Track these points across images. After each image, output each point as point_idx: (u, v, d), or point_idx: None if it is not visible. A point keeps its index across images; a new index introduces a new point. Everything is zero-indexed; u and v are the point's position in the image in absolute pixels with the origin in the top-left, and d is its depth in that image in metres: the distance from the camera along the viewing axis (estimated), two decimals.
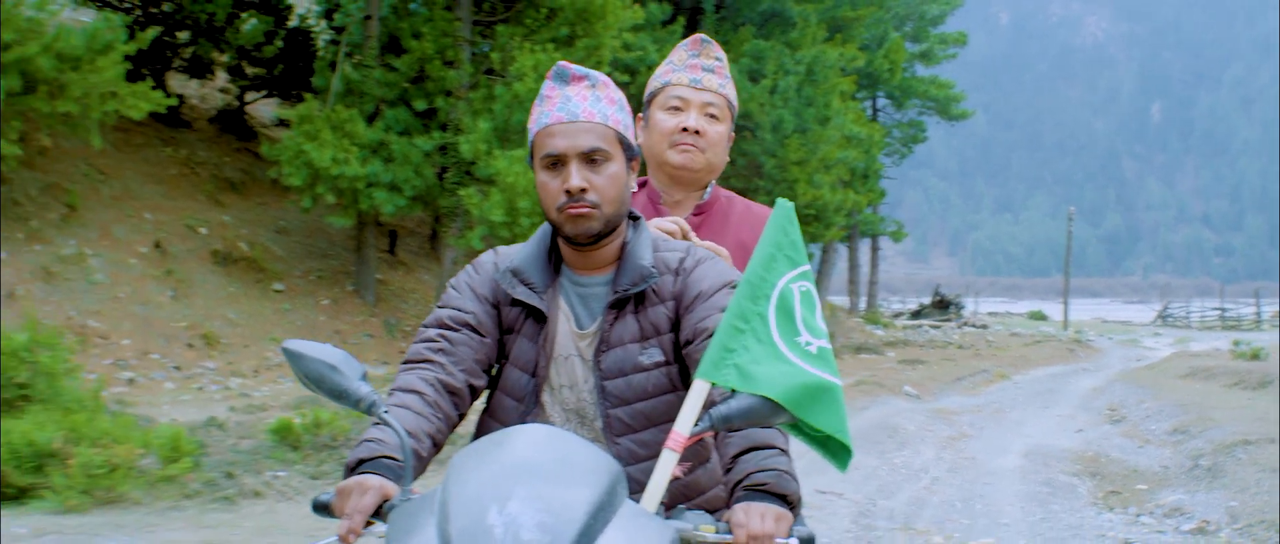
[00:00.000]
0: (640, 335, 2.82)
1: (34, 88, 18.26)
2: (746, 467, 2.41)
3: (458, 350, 2.78)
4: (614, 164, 2.76)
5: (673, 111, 3.55)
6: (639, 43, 24.69)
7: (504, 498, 1.96)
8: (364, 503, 2.30)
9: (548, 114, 2.78)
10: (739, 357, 2.30)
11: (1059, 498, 10.77)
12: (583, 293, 2.87)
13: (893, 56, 41.09)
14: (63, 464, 7.62)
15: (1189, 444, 13.86)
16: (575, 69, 2.82)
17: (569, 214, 2.73)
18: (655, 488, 2.27)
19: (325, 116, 20.85)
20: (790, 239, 2.44)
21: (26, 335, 8.52)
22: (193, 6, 24.05)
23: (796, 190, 28.18)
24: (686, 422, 2.30)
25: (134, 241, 21.19)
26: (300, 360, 2.39)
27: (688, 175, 3.56)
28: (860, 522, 9.19)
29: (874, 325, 43.41)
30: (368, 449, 2.48)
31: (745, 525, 2.25)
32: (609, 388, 2.81)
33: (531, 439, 2.14)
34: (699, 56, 3.61)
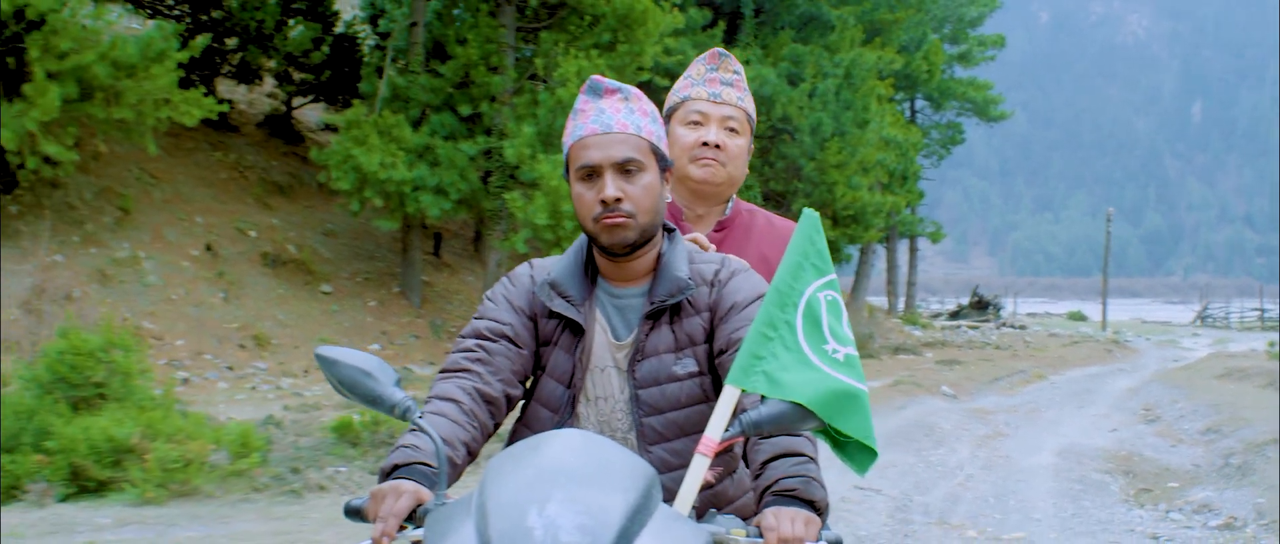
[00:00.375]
0: (675, 346, 2.86)
1: (90, 95, 18.78)
2: (775, 473, 2.46)
3: (495, 360, 2.83)
4: (648, 174, 2.81)
5: (693, 126, 3.59)
6: (679, 47, 25.05)
7: (543, 501, 2.00)
8: (398, 507, 2.34)
9: (582, 126, 2.83)
10: (768, 364, 2.37)
11: (1091, 495, 11.07)
12: (619, 304, 2.92)
13: (931, 59, 41.16)
14: (140, 459, 8.05)
15: (1221, 443, 14.13)
16: (608, 83, 2.89)
17: (605, 224, 2.78)
18: (687, 492, 2.34)
19: (373, 122, 21.32)
20: (817, 248, 2.49)
21: (102, 337, 8.97)
22: (242, 14, 24.57)
23: (835, 193, 28.48)
24: (717, 427, 2.37)
25: (186, 244, 21.70)
26: (335, 366, 2.45)
27: (709, 189, 3.60)
28: (896, 516, 9.54)
29: (912, 326, 43.51)
30: (403, 455, 2.53)
31: (775, 529, 2.30)
32: (643, 397, 2.86)
33: (568, 444, 2.18)
34: (717, 70, 3.65)
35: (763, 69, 27.10)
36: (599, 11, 21.75)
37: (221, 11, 25.22)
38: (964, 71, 49.79)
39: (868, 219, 30.36)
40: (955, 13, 47.52)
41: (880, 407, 17.64)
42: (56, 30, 18.09)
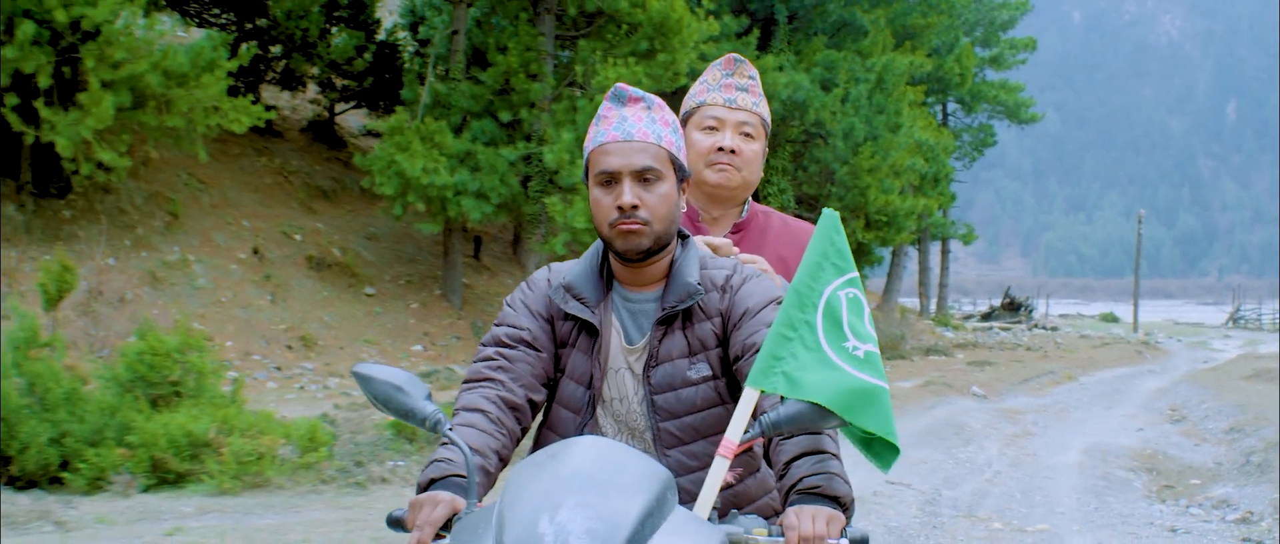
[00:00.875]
0: (688, 351, 2.91)
1: (142, 103, 19.36)
2: (799, 471, 2.50)
3: (516, 367, 2.89)
4: (665, 183, 2.86)
5: (708, 131, 3.66)
6: (714, 54, 25.48)
7: (555, 507, 2.07)
8: (434, 516, 2.42)
9: (604, 133, 2.88)
10: (787, 364, 2.43)
11: (1114, 491, 11.49)
12: (632, 309, 2.97)
13: (963, 62, 41.36)
14: (216, 453, 8.59)
15: (1243, 442, 14.51)
16: (633, 91, 2.93)
17: (620, 230, 2.83)
18: (707, 494, 2.40)
19: (415, 128, 21.84)
20: (837, 248, 2.57)
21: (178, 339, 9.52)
22: (288, 23, 25.12)
23: (868, 196, 28.86)
24: (737, 429, 2.43)
25: (234, 248, 22.28)
26: (370, 383, 2.55)
27: (725, 193, 3.68)
28: (926, 509, 10.00)
29: (944, 327, 43.80)
30: (438, 469, 2.61)
31: (797, 527, 2.34)
32: (658, 402, 2.90)
33: (584, 450, 2.24)
34: (733, 76, 3.71)
35: (796, 75, 27.51)
36: (636, 20, 22.20)
37: (266, 20, 25.83)
38: (995, 74, 50.00)
39: (900, 222, 30.70)
40: (987, 16, 47.86)
41: (911, 406, 18.10)
42: (111, 41, 18.64)
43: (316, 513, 8.20)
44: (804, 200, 30.32)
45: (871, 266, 38.45)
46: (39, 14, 17.99)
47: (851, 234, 30.07)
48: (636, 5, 21.98)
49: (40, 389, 8.64)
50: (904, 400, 18.81)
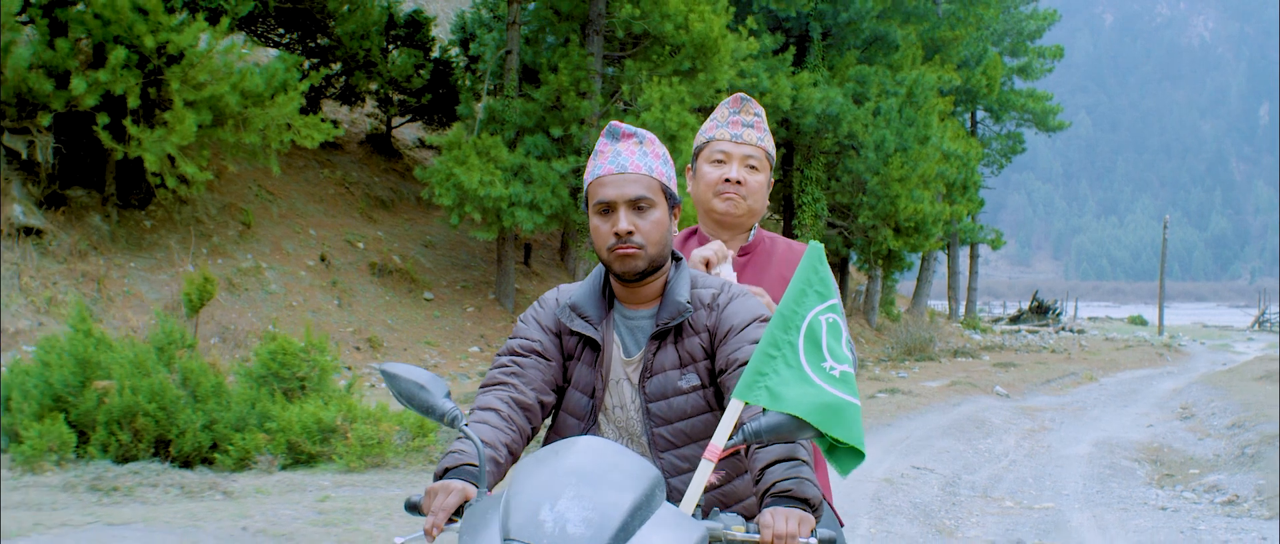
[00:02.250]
0: (679, 363, 3.12)
1: (222, 121, 20.75)
2: (773, 476, 2.70)
3: (527, 373, 3.10)
4: (658, 211, 3.08)
5: (717, 164, 3.93)
6: (752, 71, 26.82)
7: (555, 497, 2.27)
8: (447, 503, 2.60)
9: (601, 166, 3.10)
10: (770, 380, 2.61)
11: (1118, 478, 12.82)
12: (631, 325, 3.19)
13: (990, 73, 42.40)
14: (343, 437, 10.07)
15: (1241, 436, 15.81)
16: (625, 128, 3.14)
17: (618, 254, 3.04)
18: (693, 493, 2.58)
19: (472, 143, 23.22)
20: (820, 276, 2.73)
21: (304, 340, 11.03)
22: (351, 43, 26.57)
23: (898, 205, 30.15)
24: (722, 435, 2.61)
25: (302, 255, 23.71)
26: (394, 380, 2.73)
27: (732, 220, 3.93)
28: (946, 490, 11.39)
29: (972, 330, 44.74)
30: (453, 459, 2.80)
31: (771, 526, 2.54)
32: (653, 409, 3.11)
33: (583, 449, 2.45)
34: (739, 114, 3.97)
35: (830, 90, 28.83)
36: (679, 41, 23.55)
37: (327, 39, 27.30)
38: (1024, 83, 51.03)
39: (928, 229, 31.90)
40: (1015, 26, 48.89)
41: (937, 403, 19.44)
42: (193, 63, 20.07)
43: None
44: (836, 209, 31.66)
45: (901, 272, 39.65)
46: (128, 39, 19.37)
47: (882, 241, 31.39)
48: (680, 27, 23.30)
49: (191, 383, 10.16)
50: (930, 398, 20.15)
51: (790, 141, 30.98)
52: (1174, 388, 25.23)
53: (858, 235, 32.23)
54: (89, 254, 20.76)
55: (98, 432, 9.61)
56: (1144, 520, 9.39)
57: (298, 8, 26.19)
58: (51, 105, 19.40)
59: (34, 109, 19.87)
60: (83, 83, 18.87)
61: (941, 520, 9.91)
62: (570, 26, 24.98)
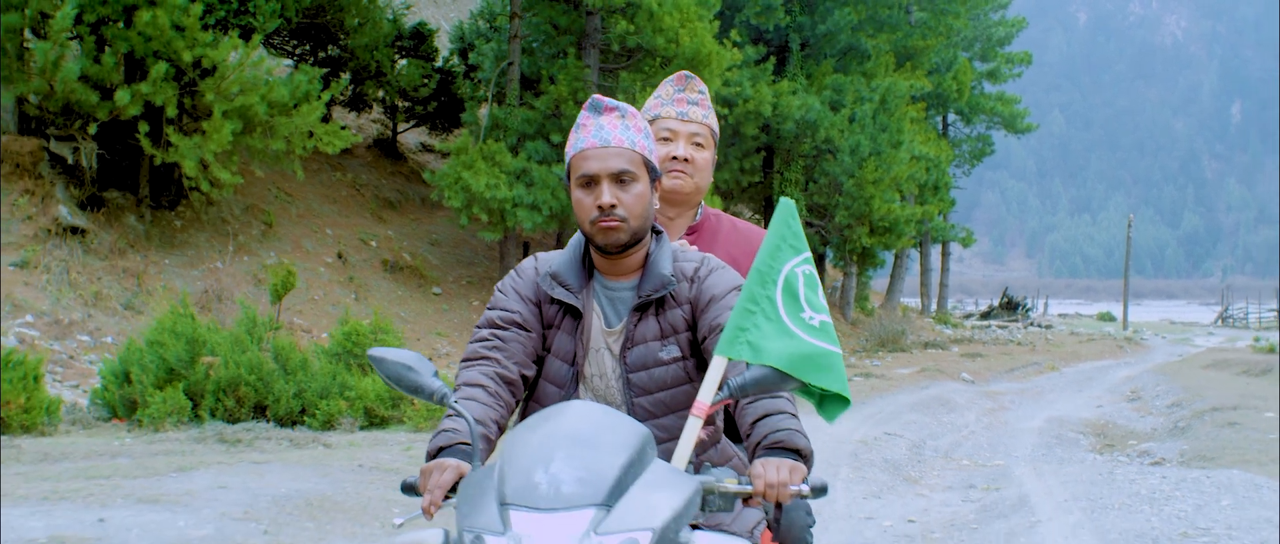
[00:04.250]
0: (660, 334, 3.12)
1: (251, 129, 22.45)
2: (763, 429, 2.73)
3: (509, 346, 3.08)
4: (640, 184, 3.05)
5: (664, 142, 3.89)
6: (737, 80, 28.62)
7: (548, 460, 2.30)
8: (443, 480, 2.62)
9: (583, 140, 3.07)
10: (751, 334, 2.61)
11: (1063, 445, 14.78)
12: (611, 295, 3.18)
13: (960, 79, 44.34)
14: (411, 403, 12.00)
15: (1177, 413, 17.81)
16: (608, 101, 3.11)
17: (600, 227, 3.03)
18: (684, 449, 2.62)
19: (479, 150, 25.01)
20: (793, 230, 2.72)
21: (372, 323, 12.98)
22: (363, 54, 28.38)
23: (872, 206, 31.97)
24: (708, 392, 2.63)
25: (321, 253, 25.49)
26: (383, 364, 2.74)
27: (679, 197, 3.92)
28: (913, 451, 13.35)
29: (943, 325, 46.30)
30: (445, 438, 2.80)
31: (763, 476, 2.57)
32: (633, 379, 3.11)
33: (575, 413, 2.47)
34: (684, 92, 3.97)
35: (808, 97, 30.68)
36: (671, 54, 25.31)
37: (337, 49, 29.11)
38: (993, 87, 52.60)
39: (900, 228, 33.72)
40: (985, 33, 50.50)
41: (907, 386, 21.41)
42: (225, 76, 21.79)
43: None
44: (814, 209, 33.51)
45: (876, 268, 41.48)
46: (167, 54, 21.05)
47: (857, 239, 33.25)
48: (671, 41, 25.09)
49: (282, 358, 12.09)
50: (901, 382, 22.11)
51: (771, 146, 32.79)
52: (1128, 376, 27.14)
53: (834, 234, 34.01)
54: (127, 252, 22.43)
55: (207, 398, 11.59)
56: (1073, 470, 11.29)
57: (314, 23, 27.98)
58: (97, 115, 21.07)
59: (80, 118, 21.58)
60: (127, 94, 20.55)
61: (908, 472, 11.88)
62: (568, 40, 26.83)
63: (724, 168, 30.97)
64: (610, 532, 2.20)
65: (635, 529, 2.22)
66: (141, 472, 8.42)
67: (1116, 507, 8.66)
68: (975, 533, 8.45)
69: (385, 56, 29.15)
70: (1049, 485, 10.08)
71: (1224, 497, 8.68)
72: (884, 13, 36.28)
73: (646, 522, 2.24)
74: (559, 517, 2.21)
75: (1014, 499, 9.55)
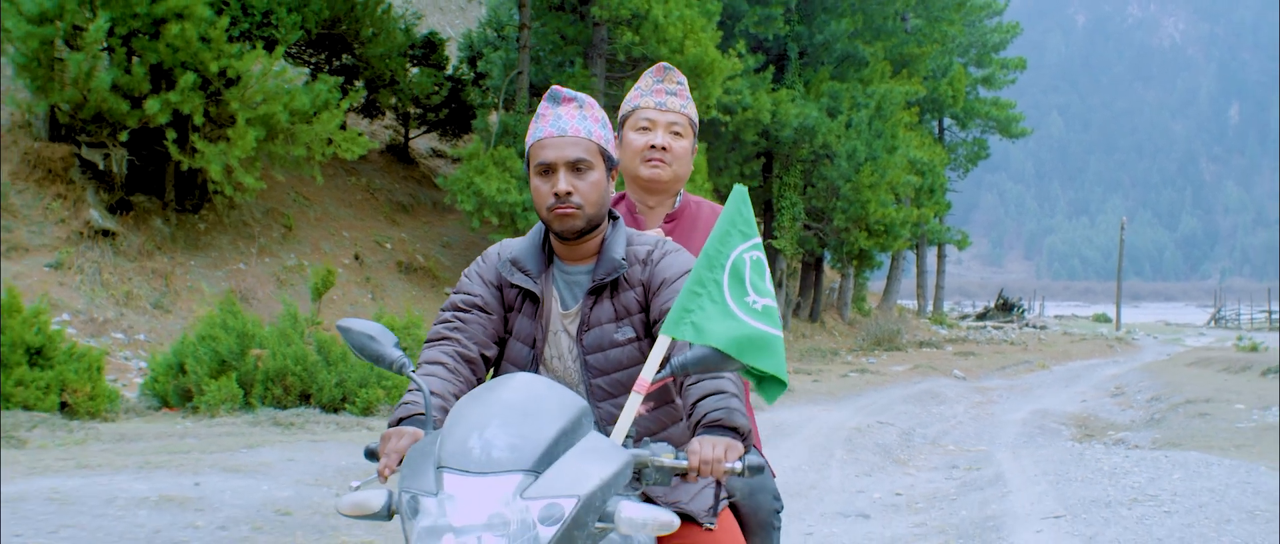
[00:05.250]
0: (615, 316, 3.20)
1: (273, 136, 23.41)
2: (704, 408, 2.83)
3: (470, 328, 3.19)
4: (596, 172, 3.14)
5: (642, 131, 3.99)
6: (736, 88, 29.65)
7: (484, 426, 2.38)
8: (399, 446, 2.74)
9: (542, 129, 3.16)
10: (696, 315, 2.68)
11: (1044, 434, 15.80)
12: (569, 279, 3.27)
13: (955, 85, 45.16)
14: None
15: (1155, 406, 18.87)
16: (566, 92, 3.20)
17: (557, 214, 3.12)
18: (623, 424, 2.68)
19: (490, 155, 26.04)
20: (744, 217, 2.82)
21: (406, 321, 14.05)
22: (378, 63, 29.44)
23: (868, 209, 32.99)
24: (650, 369, 2.73)
25: (339, 254, 26.51)
26: (348, 334, 2.87)
27: (658, 186, 4.00)
28: (903, 437, 14.42)
29: (939, 325, 47.04)
30: (405, 408, 2.94)
31: (698, 453, 2.66)
32: (590, 361, 3.20)
33: (517, 384, 2.54)
34: (663, 82, 4.04)
35: (806, 105, 31.70)
36: (674, 63, 26.35)
37: (351, 58, 30.15)
38: (988, 92, 53.67)
39: (897, 231, 34.66)
40: (980, 39, 51.54)
41: (900, 381, 22.48)
42: (249, 85, 22.77)
43: None
44: (812, 212, 34.55)
45: (872, 270, 42.43)
46: (194, 64, 22.01)
47: (853, 242, 34.27)
48: (675, 51, 26.08)
49: (324, 351, 13.17)
50: (895, 378, 23.17)
51: (770, 151, 33.75)
52: (1114, 373, 28.11)
53: (832, 237, 35.06)
54: (155, 253, 23.43)
55: (257, 387, 12.66)
56: (1048, 453, 12.33)
57: (331, 33, 29.02)
58: (127, 123, 22.06)
59: (110, 125, 22.57)
60: (157, 103, 21.54)
61: (898, 455, 12.95)
62: (575, 50, 27.89)
63: (725, 172, 31.95)
64: (536, 496, 2.30)
65: (561, 496, 2.31)
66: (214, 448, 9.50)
67: (1079, 480, 9.69)
68: (953, 502, 9.51)
69: (398, 65, 30.20)
70: (1024, 465, 11.12)
71: (1176, 472, 9.71)
72: (880, 21, 37.17)
73: (573, 489, 2.33)
74: (488, 480, 2.29)
75: (991, 476, 10.60)
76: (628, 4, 25.67)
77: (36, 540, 6.16)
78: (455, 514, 2.25)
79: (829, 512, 9.27)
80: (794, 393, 19.88)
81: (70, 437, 10.54)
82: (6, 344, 11.96)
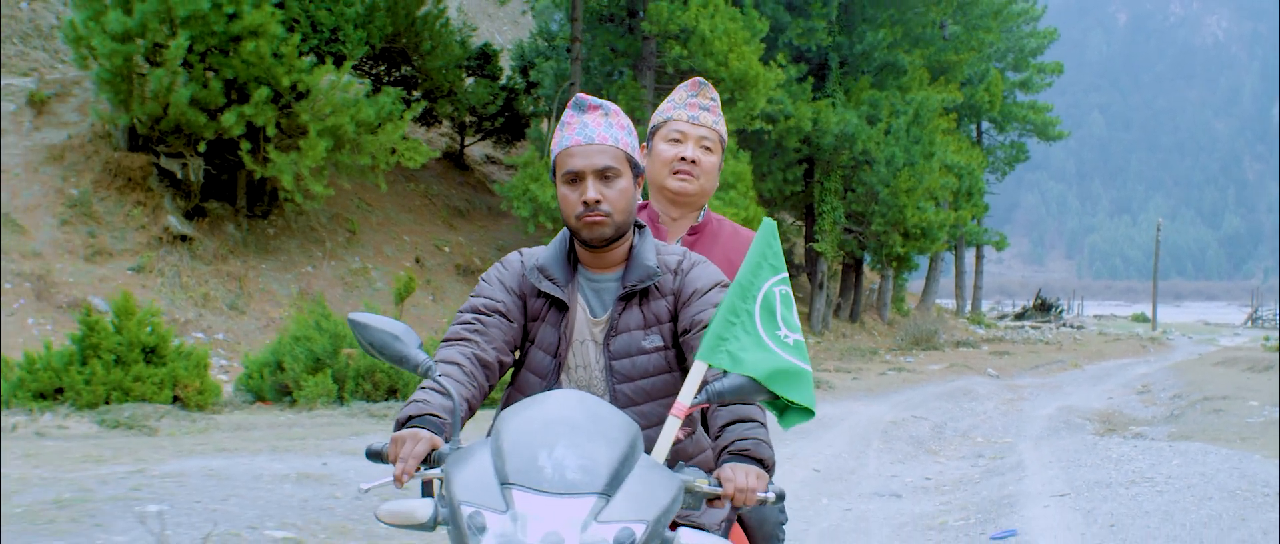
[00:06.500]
0: (644, 324, 3.21)
1: (340, 146, 24.71)
2: (732, 435, 2.83)
3: (489, 332, 3.14)
4: (623, 180, 3.12)
5: (673, 143, 3.97)
6: (778, 98, 30.80)
7: (551, 445, 2.33)
8: (417, 450, 2.61)
9: (568, 137, 3.14)
10: (731, 344, 2.72)
11: (1068, 429, 16.87)
12: (596, 287, 3.26)
13: (992, 90, 46.31)
14: None
15: (1175, 403, 19.96)
16: (591, 100, 3.19)
17: (586, 221, 3.10)
18: (662, 446, 2.69)
19: (544, 163, 27.29)
20: (773, 250, 2.83)
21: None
22: (437, 75, 30.78)
23: (906, 213, 34.16)
24: (688, 394, 2.72)
25: (400, 258, 27.84)
26: (366, 330, 2.74)
27: (684, 198, 3.99)
28: (935, 430, 15.63)
29: (976, 325, 48.22)
30: (416, 408, 2.83)
31: (733, 480, 2.66)
32: (616, 367, 3.19)
33: (566, 400, 2.52)
34: (697, 96, 4.02)
35: (846, 112, 32.85)
36: (721, 76, 27.43)
37: (410, 69, 31.48)
38: (1025, 96, 54.55)
39: (934, 233, 35.90)
40: (1017, 44, 52.45)
41: (935, 379, 23.63)
42: (318, 98, 24.05)
43: None
44: (852, 216, 35.69)
45: (911, 272, 43.46)
46: (266, 79, 23.29)
47: (892, 245, 35.37)
48: (721, 64, 27.25)
49: None
50: (930, 376, 24.32)
51: (811, 158, 34.84)
52: (1144, 372, 29.03)
53: (871, 240, 36.23)
54: (228, 257, 24.79)
55: (349, 383, 14.01)
56: (1065, 444, 13.50)
57: (391, 47, 30.38)
58: (204, 134, 23.40)
59: (186, 136, 23.88)
60: (233, 115, 22.86)
61: (929, 446, 14.18)
62: (625, 62, 29.17)
63: (768, 178, 33.10)
64: (609, 521, 2.28)
65: (631, 520, 2.30)
66: (325, 435, 10.83)
67: (1089, 466, 10.87)
68: (976, 485, 10.73)
69: (455, 76, 31.56)
70: (1042, 454, 12.31)
71: (1175, 459, 10.87)
72: (919, 30, 38.18)
73: (641, 514, 2.32)
74: (563, 501, 2.27)
75: (1012, 464, 11.81)
76: (676, 19, 26.85)
77: (212, 506, 7.46)
78: (531, 533, 2.23)
79: (866, 492, 10.50)
80: (835, 389, 21.09)
81: (193, 425, 11.92)
82: (124, 344, 13.35)
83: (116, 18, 21.99)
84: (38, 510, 7.08)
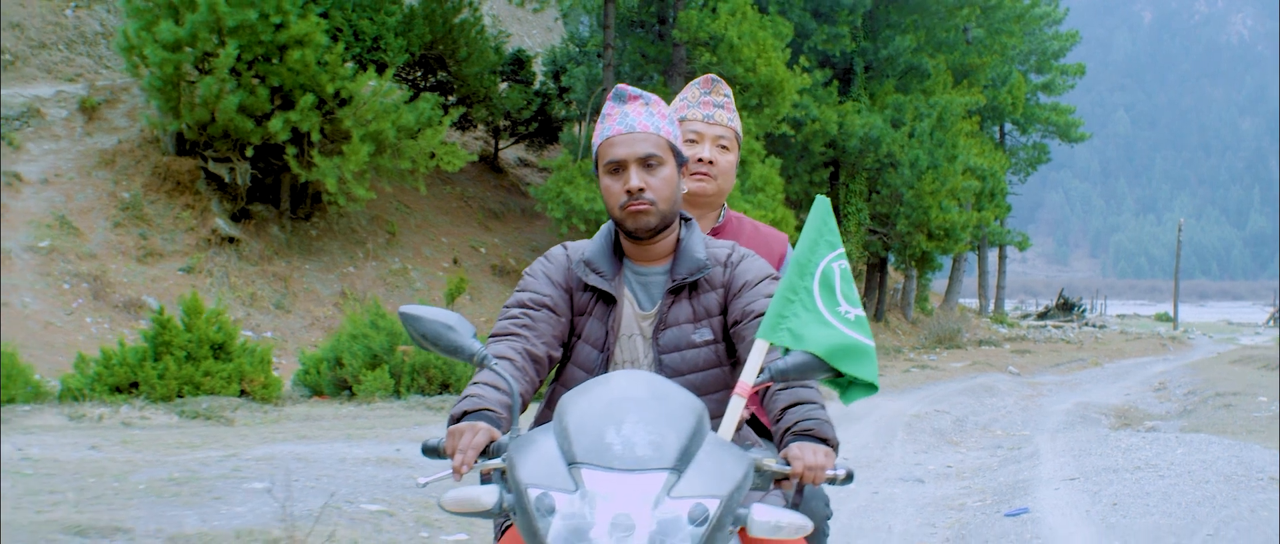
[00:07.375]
0: (693, 317, 3.17)
1: (382, 151, 25.60)
2: (794, 416, 2.79)
3: (538, 326, 3.10)
4: (667, 167, 3.10)
5: (689, 143, 3.93)
6: (804, 102, 31.60)
7: (619, 422, 2.31)
8: (476, 441, 2.56)
9: (610, 128, 3.13)
10: (791, 322, 2.70)
11: (1084, 423, 17.65)
12: (643, 280, 3.22)
13: (1015, 93, 46.95)
14: None
15: (1189, 399, 20.71)
16: (631, 90, 3.18)
17: (630, 211, 3.07)
18: (728, 426, 2.69)
19: (578, 166, 28.15)
20: (829, 227, 2.81)
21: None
22: (473, 81, 31.68)
23: (930, 214, 34.92)
24: (751, 372, 2.72)
25: (438, 259, 28.72)
26: (418, 322, 2.69)
27: (703, 199, 3.96)
28: (956, 423, 16.45)
29: (999, 324, 48.77)
30: (471, 402, 2.79)
31: (801, 458, 2.63)
32: (665, 361, 3.15)
33: (630, 379, 2.50)
34: (711, 94, 4.01)
35: (871, 116, 33.63)
36: (748, 81, 28.22)
37: (446, 74, 32.39)
38: (1048, 98, 55.23)
39: (957, 234, 36.66)
40: (1039, 47, 53.08)
41: (958, 376, 24.40)
42: (361, 105, 24.94)
43: None
44: (877, 217, 36.43)
45: (934, 271, 44.14)
46: (311, 86, 24.16)
47: (916, 245, 36.11)
48: (749, 71, 28.03)
49: None
50: (952, 373, 25.09)
51: (837, 160, 35.56)
52: (1162, 370, 29.59)
53: (895, 240, 36.97)
54: (273, 258, 25.69)
55: (404, 377, 14.91)
56: (1079, 435, 14.28)
57: (429, 54, 31.31)
58: (251, 140, 24.30)
59: (233, 141, 24.78)
60: (279, 121, 23.74)
61: (951, 437, 15.02)
62: (656, 68, 30.02)
63: (794, 181, 33.86)
64: (682, 496, 2.25)
65: (704, 496, 2.27)
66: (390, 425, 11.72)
67: (1098, 454, 11.67)
68: (994, 472, 11.56)
69: (490, 82, 32.47)
70: (1057, 445, 13.10)
71: (1180, 448, 11.66)
72: (942, 34, 38.91)
73: (714, 490, 2.29)
74: (634, 477, 2.24)
75: (1028, 453, 12.61)
76: (706, 26, 27.67)
77: (309, 483, 8.34)
78: (602, 511, 2.21)
79: (891, 477, 11.35)
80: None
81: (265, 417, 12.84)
82: (194, 340, 14.27)
83: (168, 27, 22.85)
84: (159, 487, 7.98)
